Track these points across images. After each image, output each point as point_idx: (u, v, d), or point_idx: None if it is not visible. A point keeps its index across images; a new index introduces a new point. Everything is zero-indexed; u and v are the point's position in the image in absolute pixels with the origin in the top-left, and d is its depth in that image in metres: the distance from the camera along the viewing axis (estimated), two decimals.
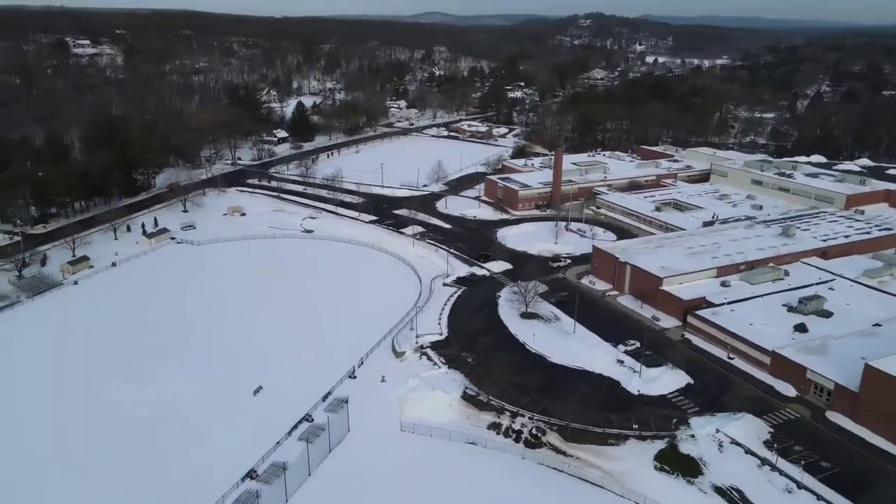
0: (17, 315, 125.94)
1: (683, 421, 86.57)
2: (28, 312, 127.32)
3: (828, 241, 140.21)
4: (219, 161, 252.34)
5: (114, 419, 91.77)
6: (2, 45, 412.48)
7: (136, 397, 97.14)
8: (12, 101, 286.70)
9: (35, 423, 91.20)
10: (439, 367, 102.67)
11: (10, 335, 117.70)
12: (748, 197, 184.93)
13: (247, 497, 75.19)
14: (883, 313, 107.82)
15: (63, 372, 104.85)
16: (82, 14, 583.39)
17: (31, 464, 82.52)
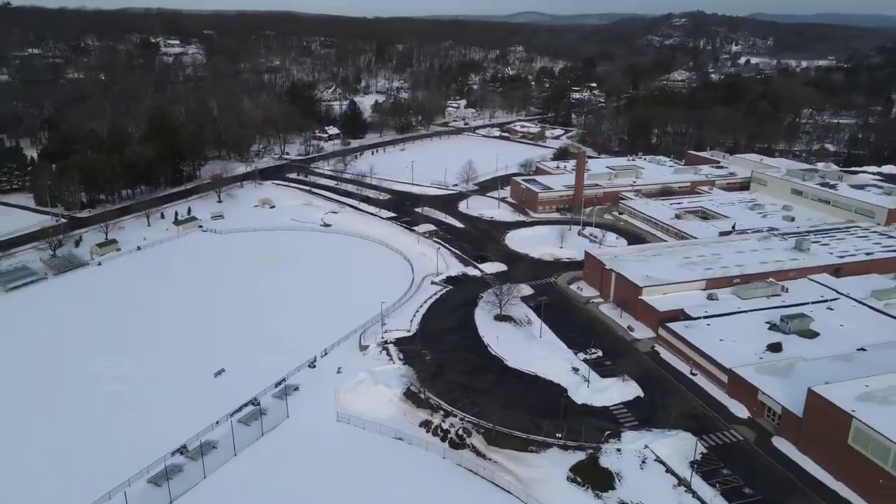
0: (38, 290, 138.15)
1: (616, 434, 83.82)
2: (49, 288, 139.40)
3: (845, 257, 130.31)
4: (267, 155, 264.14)
5: (84, 389, 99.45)
6: (100, 45, 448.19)
7: (113, 372, 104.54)
8: (96, 95, 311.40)
9: (11, 387, 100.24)
10: (394, 362, 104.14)
11: (27, 307, 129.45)
12: (784, 208, 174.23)
13: (170, 469, 80.00)
14: (875, 337, 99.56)
15: (56, 343, 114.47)
16: (176, 16, 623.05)
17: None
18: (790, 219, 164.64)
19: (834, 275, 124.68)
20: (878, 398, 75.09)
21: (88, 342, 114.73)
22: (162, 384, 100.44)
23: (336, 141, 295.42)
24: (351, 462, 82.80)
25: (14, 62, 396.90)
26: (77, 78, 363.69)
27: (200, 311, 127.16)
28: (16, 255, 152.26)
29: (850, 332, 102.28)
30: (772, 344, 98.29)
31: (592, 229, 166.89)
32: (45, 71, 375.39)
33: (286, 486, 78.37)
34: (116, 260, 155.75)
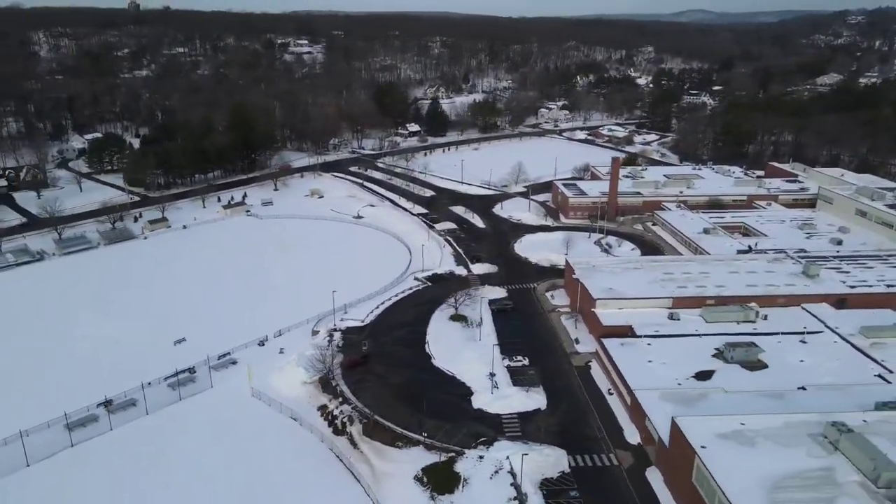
0: (87, 255, 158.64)
1: (490, 442, 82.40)
2: (95, 254, 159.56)
3: (856, 287, 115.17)
4: (343, 149, 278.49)
5: (61, 345, 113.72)
6: (234, 45, 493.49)
7: (97, 333, 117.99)
8: (212, 89, 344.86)
9: (26, 323, 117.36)
10: (330, 349, 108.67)
11: (73, 268, 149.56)
12: (840, 229, 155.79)
13: (87, 419, 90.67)
14: (834, 377, 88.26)
15: (64, 302, 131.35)
16: (309, 18, 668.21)
17: None
18: (837, 242, 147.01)
19: (835, 305, 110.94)
20: (742, 438, 67.95)
21: (92, 303, 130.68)
22: (127, 345, 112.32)
23: (415, 138, 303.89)
24: (236, 433, 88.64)
25: (161, 60, 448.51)
26: (205, 74, 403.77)
27: (200, 286, 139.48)
28: (82, 226, 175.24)
29: (808, 368, 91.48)
30: (702, 371, 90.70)
31: (609, 238, 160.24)
32: (181, 67, 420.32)
33: (171, 446, 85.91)
34: (161, 236, 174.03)
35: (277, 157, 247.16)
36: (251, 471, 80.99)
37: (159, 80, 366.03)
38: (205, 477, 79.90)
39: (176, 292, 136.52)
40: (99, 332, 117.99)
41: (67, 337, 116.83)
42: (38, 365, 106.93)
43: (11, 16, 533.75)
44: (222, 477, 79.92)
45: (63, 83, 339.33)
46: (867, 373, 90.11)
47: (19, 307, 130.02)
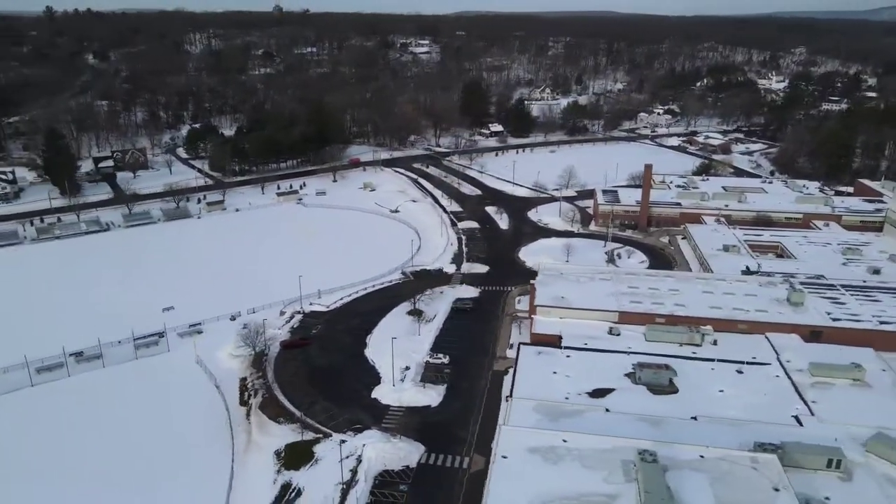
0: (146, 229, 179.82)
1: (362, 430, 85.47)
2: (153, 229, 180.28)
3: (840, 321, 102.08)
4: (419, 145, 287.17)
5: (84, 300, 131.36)
6: (353, 45, 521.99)
7: (115, 293, 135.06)
8: (319, 85, 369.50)
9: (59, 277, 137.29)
10: (282, 329, 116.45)
11: (122, 238, 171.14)
12: (891, 257, 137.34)
13: (54, 365, 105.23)
14: (749, 413, 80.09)
15: (106, 266, 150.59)
16: (432, 19, 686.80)
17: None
18: (875, 271, 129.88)
19: (808, 338, 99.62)
20: (552, 454, 65.44)
21: (130, 265, 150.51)
22: (131, 306, 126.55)
23: (495, 138, 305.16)
24: (163, 392, 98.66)
25: (288, 58, 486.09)
26: (324, 71, 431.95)
27: (220, 261, 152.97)
28: (152, 203, 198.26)
29: (721, 399, 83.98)
30: (601, 389, 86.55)
31: (620, 248, 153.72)
32: (304, 65, 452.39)
33: (104, 395, 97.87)
34: (214, 216, 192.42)
35: (348, 150, 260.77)
36: (153, 426, 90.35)
37: (279, 77, 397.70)
38: (112, 424, 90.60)
39: (195, 265, 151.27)
40: (117, 292, 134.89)
41: (92, 294, 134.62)
42: (55, 314, 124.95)
43: (176, 18, 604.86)
44: (127, 428, 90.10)
45: (195, 79, 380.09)
46: (786, 412, 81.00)
47: (70, 267, 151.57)
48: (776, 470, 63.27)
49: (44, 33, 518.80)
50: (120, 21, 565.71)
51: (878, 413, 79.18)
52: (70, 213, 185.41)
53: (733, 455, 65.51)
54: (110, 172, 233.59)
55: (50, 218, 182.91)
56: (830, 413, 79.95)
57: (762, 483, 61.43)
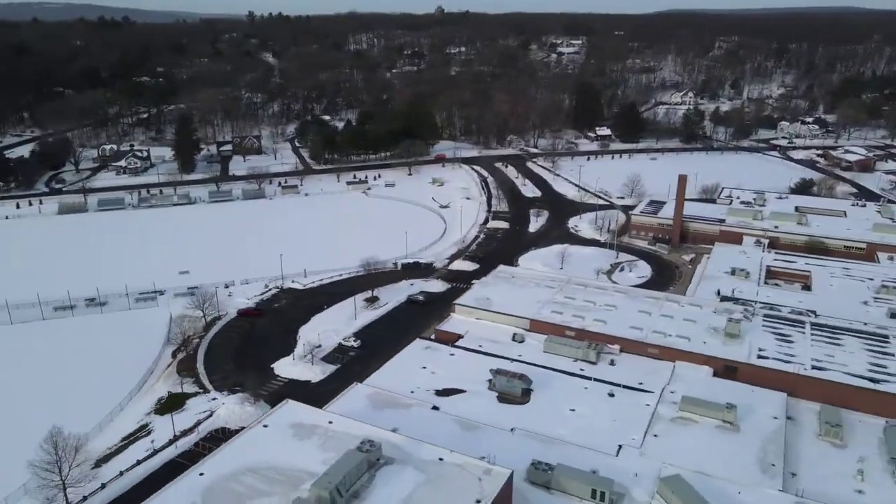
0: (222, 205, 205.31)
1: (237, 392, 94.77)
2: (228, 205, 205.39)
3: (764, 360, 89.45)
4: (516, 145, 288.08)
5: (139, 256, 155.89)
6: (495, 45, 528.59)
7: (155, 255, 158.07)
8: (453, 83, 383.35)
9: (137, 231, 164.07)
10: (251, 300, 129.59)
11: (200, 211, 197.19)
12: None
13: (67, 306, 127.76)
14: (568, 431, 76.45)
15: (173, 230, 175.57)
16: (585, 18, 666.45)
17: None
18: (894, 315, 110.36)
19: (722, 372, 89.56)
20: (308, 431, 68.83)
21: (191, 232, 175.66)
22: (157, 265, 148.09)
23: (600, 142, 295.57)
24: (128, 340, 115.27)
25: (434, 58, 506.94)
26: (463, 70, 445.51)
27: (258, 236, 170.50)
28: (236, 184, 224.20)
29: (565, 418, 79.81)
30: (451, 389, 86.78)
31: (626, 262, 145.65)
32: (446, 64, 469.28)
33: (82, 338, 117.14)
34: (285, 199, 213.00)
35: (437, 146, 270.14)
36: (100, 364, 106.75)
37: (415, 75, 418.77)
38: (73, 359, 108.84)
39: (238, 238, 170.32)
40: (163, 252, 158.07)
41: (144, 252, 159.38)
42: (108, 263, 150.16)
43: (348, 20, 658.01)
44: (77, 363, 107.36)
45: (343, 76, 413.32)
46: (618, 441, 75.14)
47: (145, 229, 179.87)
48: (498, 484, 61.12)
49: (240, 34, 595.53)
50: (301, 24, 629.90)
51: (709, 457, 71.03)
52: (182, 187, 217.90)
53: (469, 463, 64.16)
54: (227, 155, 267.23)
55: (154, 190, 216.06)
56: (659, 449, 73.14)
57: (469, 492, 60.01)
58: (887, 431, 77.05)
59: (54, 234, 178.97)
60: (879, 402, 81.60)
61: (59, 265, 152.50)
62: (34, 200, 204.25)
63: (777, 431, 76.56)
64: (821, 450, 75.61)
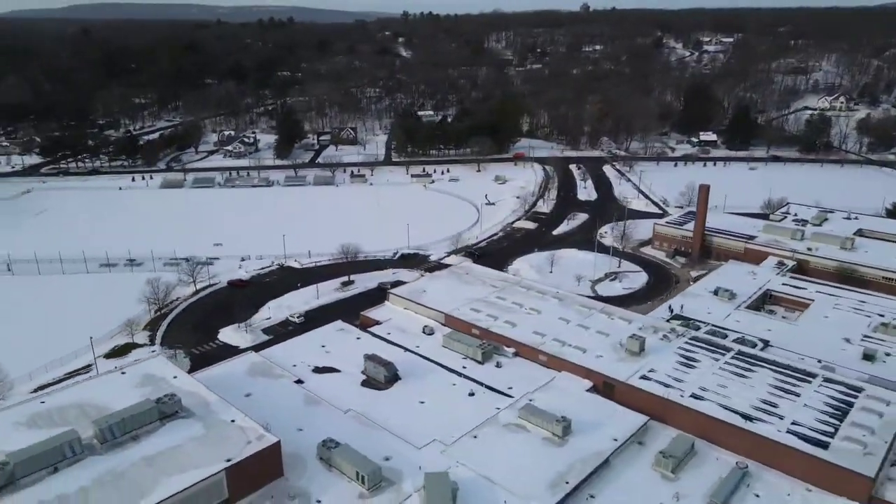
0: (292, 189, 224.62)
1: (175, 351, 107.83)
2: (297, 189, 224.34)
3: (646, 381, 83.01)
4: (606, 147, 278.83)
5: (202, 225, 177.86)
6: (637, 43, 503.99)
7: (208, 227, 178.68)
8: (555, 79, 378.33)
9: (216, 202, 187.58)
10: (247, 273, 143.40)
11: (271, 193, 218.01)
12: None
13: (110, 265, 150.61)
14: (384, 418, 79.12)
15: (235, 206, 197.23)
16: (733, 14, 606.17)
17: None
18: (867, 356, 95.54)
19: (601, 389, 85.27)
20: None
21: (252, 209, 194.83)
22: (201, 237, 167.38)
23: (699, 147, 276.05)
24: (132, 296, 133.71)
25: (559, 56, 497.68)
26: (591, 69, 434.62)
27: (297, 219, 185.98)
28: (311, 171, 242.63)
29: (405, 408, 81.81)
30: (330, 367, 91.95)
31: (625, 270, 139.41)
32: (572, 63, 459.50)
33: (104, 291, 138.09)
34: (349, 187, 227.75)
35: (518, 143, 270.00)
36: (86, 320, 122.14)
37: (533, 74, 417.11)
38: (81, 309, 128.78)
39: (286, 217, 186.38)
40: (216, 226, 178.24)
41: (203, 224, 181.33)
42: (169, 230, 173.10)
43: (487, 19, 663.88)
44: (80, 313, 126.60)
45: (460, 73, 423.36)
46: (438, 437, 76.19)
47: (221, 205, 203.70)
48: (256, 448, 65.96)
49: (391, 31, 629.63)
50: (448, 22, 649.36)
51: (509, 465, 70.08)
52: (266, 171, 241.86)
53: (250, 428, 69.09)
54: (325, 144, 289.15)
55: (244, 172, 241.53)
56: (464, 450, 73.01)
57: (228, 450, 65.27)
58: (730, 473, 69.84)
59: (146, 203, 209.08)
60: (741, 440, 73.77)
61: (132, 228, 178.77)
62: (146, 175, 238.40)
63: (601, 453, 72.64)
64: (645, 478, 70.63)
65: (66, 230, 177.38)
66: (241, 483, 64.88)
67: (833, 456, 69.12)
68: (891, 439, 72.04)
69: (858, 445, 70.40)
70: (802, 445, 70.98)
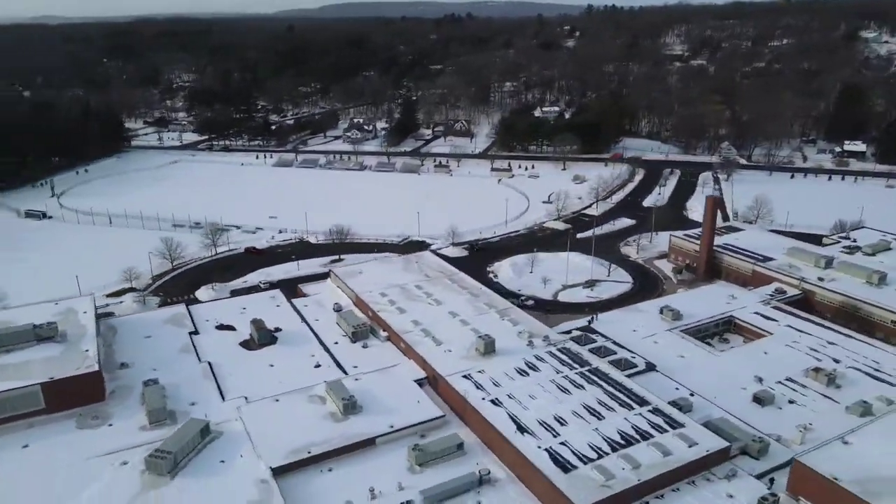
0: (382, 174, 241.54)
1: (157, 295, 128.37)
2: (386, 174, 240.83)
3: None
4: (724, 152, 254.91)
5: (277, 196, 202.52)
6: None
7: (287, 201, 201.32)
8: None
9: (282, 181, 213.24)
10: (266, 242, 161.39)
11: (361, 176, 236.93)
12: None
13: (177, 226, 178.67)
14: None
15: (325, 186, 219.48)
16: None
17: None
18: (758, 398, 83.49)
19: (430, 380, 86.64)
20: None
21: (331, 190, 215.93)
22: (263, 209, 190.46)
23: (837, 158, 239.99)
24: None
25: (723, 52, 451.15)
26: (760, 66, 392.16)
27: (360, 200, 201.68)
28: (402, 159, 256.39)
29: (258, 370, 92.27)
30: (227, 325, 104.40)
31: (609, 280, 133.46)
32: (734, 61, 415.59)
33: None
34: (430, 175, 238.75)
35: (623, 143, 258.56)
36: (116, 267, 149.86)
37: (685, 71, 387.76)
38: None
39: (356, 198, 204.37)
40: (289, 200, 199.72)
41: (280, 198, 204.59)
42: (252, 201, 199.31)
43: (670, 12, 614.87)
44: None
45: (616, 69, 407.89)
46: (246, 395, 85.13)
47: (316, 183, 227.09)
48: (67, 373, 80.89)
49: (569, 25, 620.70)
50: (622, 16, 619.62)
51: (270, 423, 76.91)
52: (381, 156, 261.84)
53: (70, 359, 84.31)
54: (439, 134, 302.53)
55: (345, 157, 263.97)
56: (250, 407, 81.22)
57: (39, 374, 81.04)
58: (463, 476, 69.20)
59: (252, 177, 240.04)
60: (505, 450, 72.82)
61: (220, 196, 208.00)
62: (267, 154, 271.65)
63: (367, 434, 75.92)
64: (392, 464, 72.49)
65: (172, 194, 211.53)
66: (59, 398, 79.70)
67: (563, 480, 65.30)
68: (650, 477, 65.55)
69: (602, 477, 65.33)
70: (545, 465, 67.80)
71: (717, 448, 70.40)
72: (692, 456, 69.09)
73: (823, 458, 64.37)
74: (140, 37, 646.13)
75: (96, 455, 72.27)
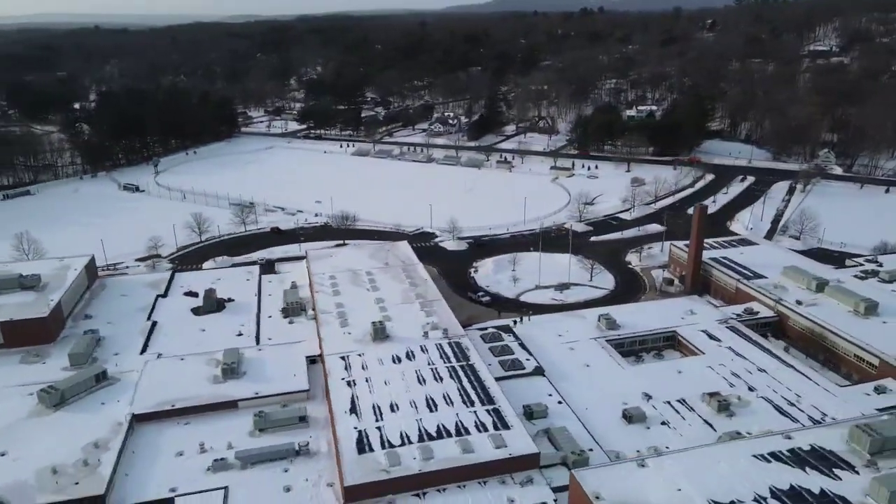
0: (444, 167, 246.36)
1: (171, 263, 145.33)
2: (447, 168, 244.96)
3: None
4: (823, 160, 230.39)
5: (336, 182, 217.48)
6: None
7: (338, 188, 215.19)
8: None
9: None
10: (292, 224, 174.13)
11: (420, 168, 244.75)
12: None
13: (237, 205, 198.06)
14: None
15: (386, 175, 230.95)
16: None
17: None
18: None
19: (320, 359, 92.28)
20: None
21: (388, 179, 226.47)
22: (312, 194, 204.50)
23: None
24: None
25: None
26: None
27: (412, 191, 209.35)
28: (468, 153, 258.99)
29: (192, 336, 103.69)
30: (192, 292, 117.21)
31: (583, 284, 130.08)
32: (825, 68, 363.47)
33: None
34: (490, 170, 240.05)
35: (706, 145, 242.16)
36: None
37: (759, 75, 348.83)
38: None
39: (401, 186, 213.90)
40: (349, 187, 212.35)
41: (342, 185, 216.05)
42: (317, 186, 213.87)
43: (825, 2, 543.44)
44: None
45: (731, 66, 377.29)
46: (147, 360, 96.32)
47: (373, 172, 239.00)
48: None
49: (720, 18, 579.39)
50: (767, 9, 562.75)
51: (162, 380, 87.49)
52: (449, 150, 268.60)
53: (35, 303, 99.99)
54: (523, 130, 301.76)
55: (418, 149, 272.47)
56: (154, 363, 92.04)
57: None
58: None
59: (327, 164, 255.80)
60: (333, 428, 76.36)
61: (289, 179, 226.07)
62: (350, 144, 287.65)
63: (230, 396, 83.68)
64: (234, 426, 79.80)
65: (250, 176, 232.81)
66: (14, 336, 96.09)
67: (351, 460, 68.82)
68: (433, 469, 66.63)
69: (387, 463, 67.59)
70: (347, 444, 72.54)
71: (523, 453, 69.41)
72: (492, 457, 68.95)
73: (600, 476, 61.58)
74: (294, 33, 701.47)
75: (15, 384, 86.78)
